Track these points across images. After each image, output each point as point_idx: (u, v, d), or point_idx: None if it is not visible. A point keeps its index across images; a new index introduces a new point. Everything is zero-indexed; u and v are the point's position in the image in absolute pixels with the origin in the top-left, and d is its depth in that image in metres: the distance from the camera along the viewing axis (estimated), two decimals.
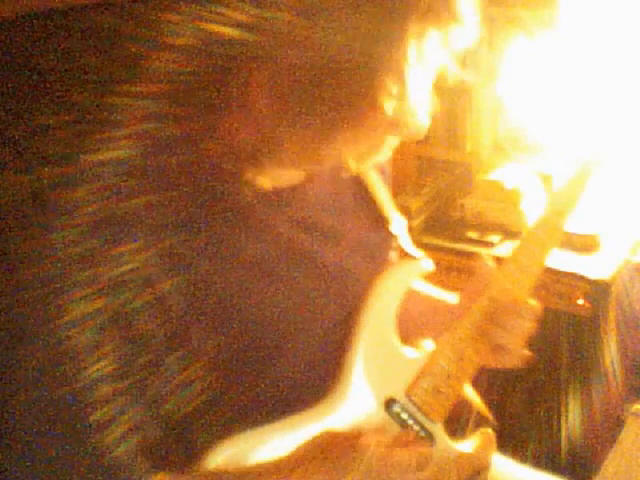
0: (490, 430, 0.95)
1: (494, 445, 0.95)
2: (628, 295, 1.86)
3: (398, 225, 0.99)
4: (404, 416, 0.86)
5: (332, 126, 0.74)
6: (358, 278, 0.90)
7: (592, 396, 1.83)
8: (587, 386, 1.84)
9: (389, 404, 0.86)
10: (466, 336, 0.90)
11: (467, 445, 0.91)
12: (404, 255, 0.98)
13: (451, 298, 1.04)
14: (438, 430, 0.88)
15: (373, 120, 0.75)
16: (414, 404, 0.87)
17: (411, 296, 0.97)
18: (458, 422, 0.93)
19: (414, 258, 0.97)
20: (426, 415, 0.87)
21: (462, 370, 0.90)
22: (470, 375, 0.91)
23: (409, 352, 0.90)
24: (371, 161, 0.83)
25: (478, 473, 0.90)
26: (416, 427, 0.86)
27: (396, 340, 0.89)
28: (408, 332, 0.92)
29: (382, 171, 1.00)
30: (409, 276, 0.94)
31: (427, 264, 0.95)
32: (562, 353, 1.85)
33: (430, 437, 0.87)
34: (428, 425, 0.87)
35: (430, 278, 1.05)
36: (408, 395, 0.87)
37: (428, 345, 0.92)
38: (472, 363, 0.90)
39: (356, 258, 0.91)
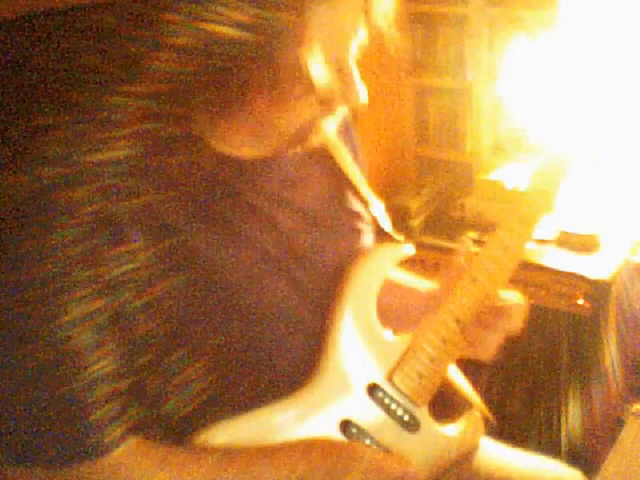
0: (476, 412, 0.94)
1: (481, 427, 0.94)
2: (628, 295, 1.86)
3: (375, 207, 0.97)
4: (387, 401, 0.85)
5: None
6: (332, 258, 0.88)
7: (592, 396, 1.83)
8: (587, 386, 1.84)
9: (372, 389, 0.85)
10: (449, 318, 0.89)
11: (453, 428, 0.90)
12: (383, 237, 0.97)
13: (428, 285, 1.03)
14: (423, 414, 0.87)
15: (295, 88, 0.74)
16: (397, 389, 0.86)
17: (390, 283, 0.96)
18: (443, 405, 0.92)
19: (394, 241, 0.96)
20: (410, 399, 0.86)
21: (445, 353, 0.88)
22: (454, 357, 0.90)
23: (390, 336, 0.89)
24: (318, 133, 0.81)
25: (466, 456, 0.89)
26: (400, 412, 0.86)
27: (377, 324, 0.88)
28: (389, 318, 0.90)
29: (353, 149, 0.98)
30: (390, 259, 0.92)
31: (407, 247, 0.93)
32: (562, 353, 1.85)
33: (415, 421, 0.86)
34: (412, 409, 0.86)
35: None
36: (391, 379, 0.86)
37: (409, 329, 0.90)
38: (455, 346, 0.89)
39: (329, 238, 0.89)
